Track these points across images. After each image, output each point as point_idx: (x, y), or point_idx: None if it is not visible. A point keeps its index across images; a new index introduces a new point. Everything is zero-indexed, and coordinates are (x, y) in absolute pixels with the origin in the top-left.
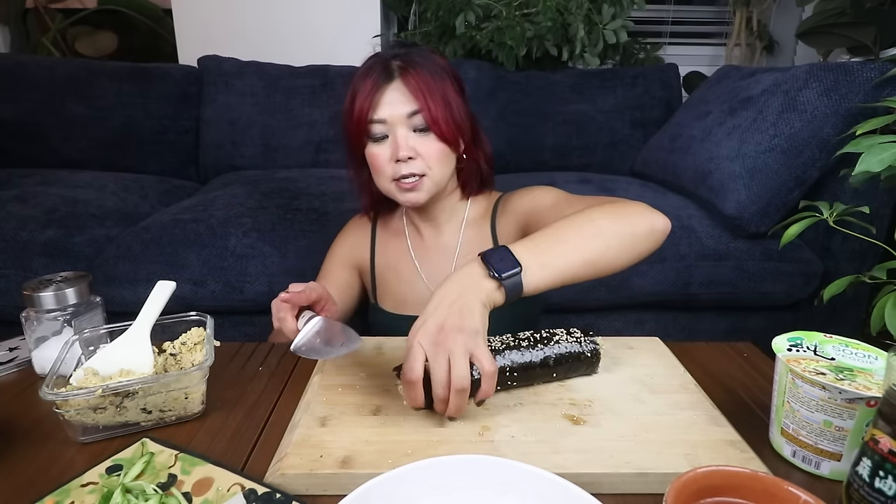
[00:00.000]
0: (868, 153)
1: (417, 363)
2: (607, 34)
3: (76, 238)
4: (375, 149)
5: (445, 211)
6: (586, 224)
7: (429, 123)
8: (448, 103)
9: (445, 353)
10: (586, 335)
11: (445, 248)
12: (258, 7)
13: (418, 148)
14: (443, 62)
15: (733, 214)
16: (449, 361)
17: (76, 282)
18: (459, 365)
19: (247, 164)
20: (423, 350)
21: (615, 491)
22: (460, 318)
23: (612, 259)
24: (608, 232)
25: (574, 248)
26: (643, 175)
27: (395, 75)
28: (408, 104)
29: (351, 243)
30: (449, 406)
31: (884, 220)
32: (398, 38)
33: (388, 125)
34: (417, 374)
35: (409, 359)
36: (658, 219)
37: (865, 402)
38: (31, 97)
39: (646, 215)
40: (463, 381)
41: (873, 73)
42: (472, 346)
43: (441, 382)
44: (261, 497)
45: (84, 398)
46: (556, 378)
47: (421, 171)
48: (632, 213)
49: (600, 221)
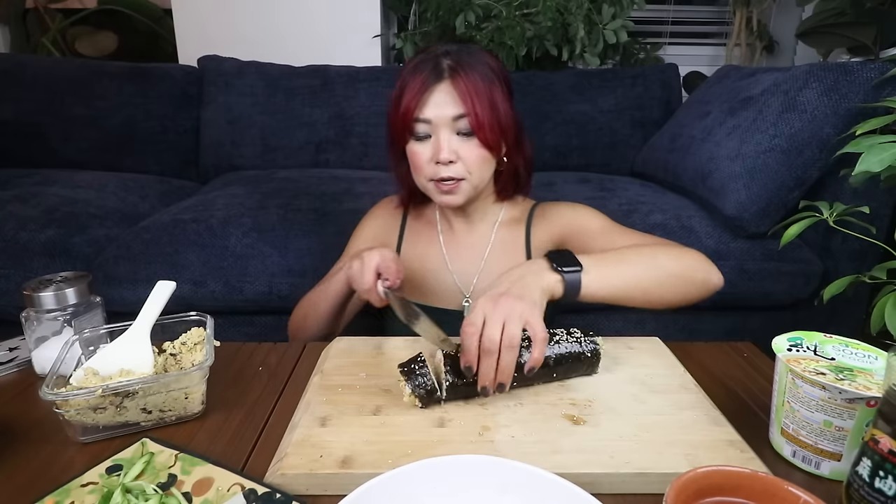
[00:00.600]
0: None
1: (478, 319)
2: (607, 34)
3: (76, 238)
4: (417, 147)
5: (479, 210)
6: (649, 258)
7: (473, 129)
8: (495, 108)
9: (502, 316)
10: (586, 335)
11: (476, 246)
12: (258, 7)
13: (460, 152)
14: (494, 63)
15: (733, 214)
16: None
17: (76, 282)
18: (513, 325)
19: (247, 164)
20: (483, 312)
21: (615, 491)
22: (521, 290)
23: (664, 295)
24: (668, 270)
25: (634, 273)
26: (643, 175)
27: (445, 76)
28: (454, 107)
29: (381, 224)
30: (500, 364)
31: (884, 220)
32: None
33: (432, 125)
34: (478, 326)
35: (469, 317)
36: (715, 274)
37: (865, 402)
38: (31, 97)
39: (705, 267)
40: (513, 339)
41: (873, 73)
42: (527, 314)
43: (492, 340)
44: (261, 497)
45: (84, 398)
46: (556, 378)
47: (460, 175)
48: (693, 261)
49: (663, 259)
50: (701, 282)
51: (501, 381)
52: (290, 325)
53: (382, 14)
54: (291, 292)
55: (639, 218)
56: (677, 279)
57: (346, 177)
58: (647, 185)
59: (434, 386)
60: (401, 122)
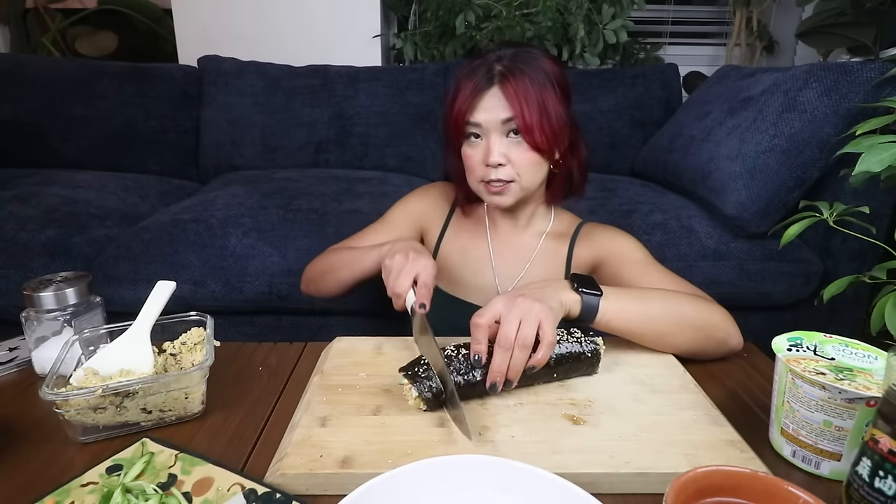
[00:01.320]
0: (868, 153)
1: (488, 313)
2: (607, 34)
3: (76, 238)
4: (469, 150)
5: (527, 213)
6: (672, 304)
7: (522, 132)
8: (545, 112)
9: (519, 315)
10: (587, 335)
11: (522, 248)
12: (258, 7)
13: (510, 155)
14: (550, 67)
15: (733, 214)
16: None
17: (76, 282)
18: (528, 325)
19: (247, 164)
20: (498, 310)
21: (615, 491)
22: (541, 295)
23: (678, 342)
24: (689, 321)
25: (653, 314)
26: (643, 175)
27: (495, 81)
28: (503, 111)
29: (429, 205)
30: (511, 361)
31: (884, 220)
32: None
33: (482, 129)
34: (486, 318)
35: (481, 310)
36: (735, 335)
37: (865, 402)
38: (31, 97)
39: (727, 327)
40: (526, 340)
41: (873, 73)
42: (543, 316)
43: (507, 337)
44: (261, 497)
45: (84, 398)
46: (556, 378)
47: (509, 178)
48: (716, 319)
49: (686, 309)
50: (719, 340)
51: (510, 378)
52: (304, 274)
53: (382, 14)
54: (291, 292)
55: (639, 218)
56: (696, 331)
57: (346, 177)
58: (647, 185)
59: (440, 388)
60: (454, 124)
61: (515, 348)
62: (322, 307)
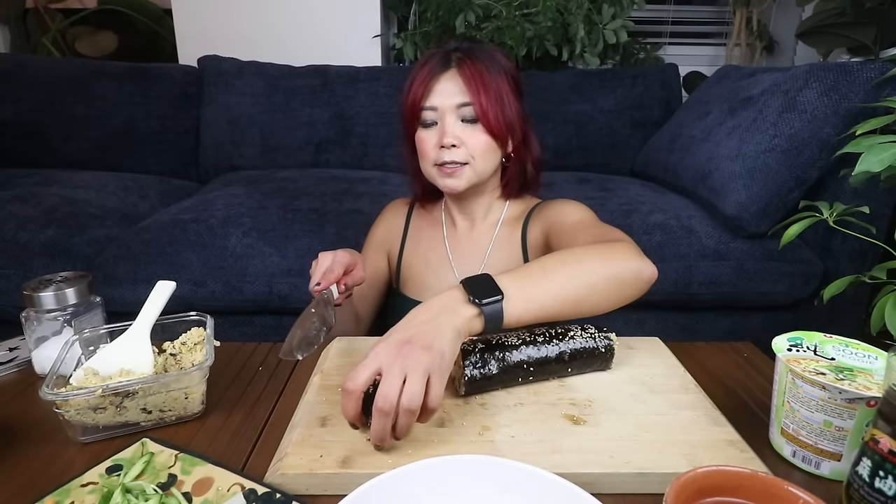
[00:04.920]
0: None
1: (365, 372)
2: (607, 34)
3: (76, 238)
4: (424, 134)
5: (483, 207)
6: (574, 263)
7: (478, 115)
8: (500, 99)
9: (403, 369)
10: (600, 331)
11: (477, 243)
12: (258, 7)
13: (464, 137)
14: (504, 61)
15: (733, 214)
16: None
17: (76, 282)
18: (415, 382)
19: (247, 164)
20: (379, 362)
21: (615, 491)
22: (430, 338)
23: (595, 302)
24: (596, 274)
25: (560, 285)
26: (643, 175)
27: (452, 64)
28: (459, 94)
29: (386, 227)
30: (398, 425)
31: (884, 220)
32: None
33: (438, 112)
34: (358, 383)
35: (358, 367)
36: (646, 266)
37: (865, 402)
38: (31, 97)
39: (634, 261)
40: (413, 401)
41: (873, 73)
42: (433, 368)
43: (387, 398)
44: (261, 497)
45: (84, 398)
46: (570, 373)
47: (463, 160)
48: (622, 258)
49: (589, 263)
50: (632, 279)
51: (398, 438)
52: None
53: (382, 14)
54: (291, 292)
55: (639, 218)
56: (608, 281)
57: (345, 177)
58: (647, 185)
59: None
60: (409, 111)
61: (401, 412)
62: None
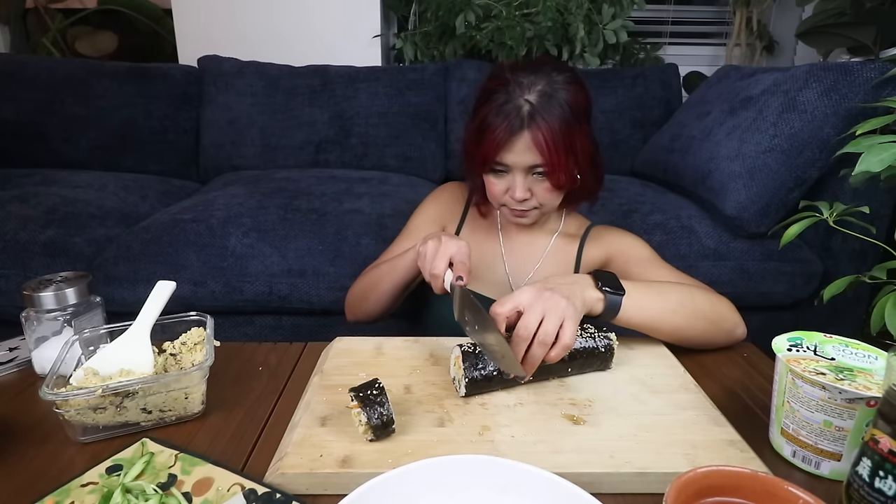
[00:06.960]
0: (868, 153)
1: (507, 304)
2: (607, 34)
3: (76, 238)
4: (494, 179)
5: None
6: (687, 297)
7: (547, 175)
8: (571, 151)
9: (542, 309)
10: (600, 331)
11: (533, 246)
12: (258, 7)
13: (534, 189)
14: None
15: (733, 214)
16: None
17: (76, 282)
18: (551, 322)
19: (247, 164)
20: (520, 300)
21: (615, 491)
22: (568, 291)
23: (691, 335)
24: (702, 313)
25: (670, 309)
26: (643, 175)
27: (525, 126)
28: (531, 157)
29: (444, 206)
30: (528, 354)
31: (884, 220)
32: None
33: (509, 167)
34: (501, 311)
35: (504, 299)
36: (741, 327)
37: (865, 402)
38: (31, 97)
39: (734, 318)
40: (547, 336)
41: (873, 73)
42: (568, 315)
43: (527, 328)
44: (261, 497)
45: (84, 398)
46: (570, 373)
47: (532, 207)
48: (725, 310)
49: (700, 302)
50: (727, 331)
51: (526, 369)
52: (347, 302)
53: (382, 14)
54: (291, 292)
55: (639, 218)
56: (708, 323)
57: (345, 177)
58: (647, 185)
59: (391, 417)
60: (481, 159)
61: (535, 342)
62: (322, 307)
